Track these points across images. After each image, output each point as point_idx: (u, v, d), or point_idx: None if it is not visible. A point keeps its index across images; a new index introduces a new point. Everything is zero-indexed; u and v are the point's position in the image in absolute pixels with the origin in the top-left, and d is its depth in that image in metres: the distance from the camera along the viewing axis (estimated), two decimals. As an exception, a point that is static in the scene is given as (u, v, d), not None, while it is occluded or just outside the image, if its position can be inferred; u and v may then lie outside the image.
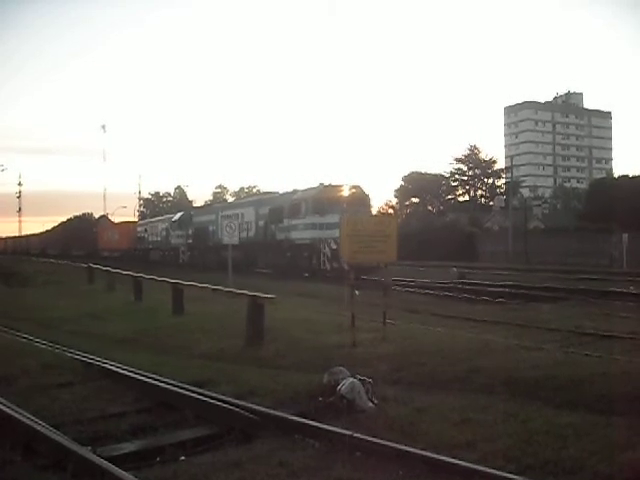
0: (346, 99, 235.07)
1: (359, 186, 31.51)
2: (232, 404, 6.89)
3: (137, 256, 55.51)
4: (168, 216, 55.86)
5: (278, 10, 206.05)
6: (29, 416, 6.51)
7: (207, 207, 61.10)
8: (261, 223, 35.57)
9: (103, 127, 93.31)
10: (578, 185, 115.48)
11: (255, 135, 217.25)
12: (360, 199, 30.59)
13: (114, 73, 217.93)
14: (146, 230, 57.96)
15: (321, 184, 32.27)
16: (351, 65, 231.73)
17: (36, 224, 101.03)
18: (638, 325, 13.72)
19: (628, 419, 6.58)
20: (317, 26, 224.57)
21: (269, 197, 38.04)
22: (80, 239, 68.29)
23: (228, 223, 26.36)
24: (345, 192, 30.51)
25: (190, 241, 45.63)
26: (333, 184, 31.57)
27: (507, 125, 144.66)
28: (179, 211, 56.62)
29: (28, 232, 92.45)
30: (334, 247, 26.54)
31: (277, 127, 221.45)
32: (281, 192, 37.23)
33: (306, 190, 32.72)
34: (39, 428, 6.13)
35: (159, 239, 53.21)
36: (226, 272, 23.68)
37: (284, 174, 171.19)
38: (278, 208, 33.59)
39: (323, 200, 29.79)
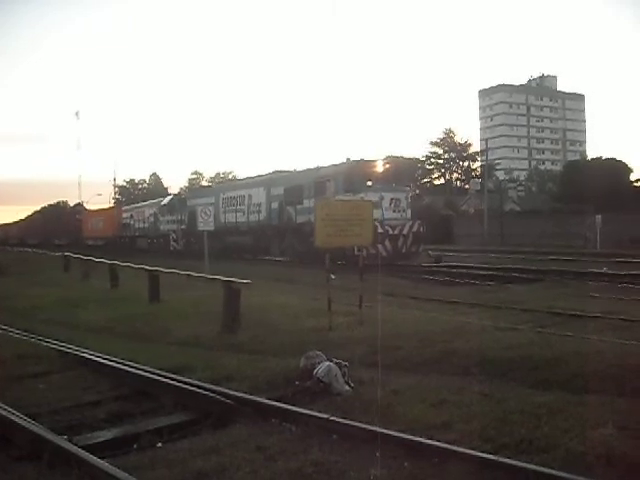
0: (318, 83, 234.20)
1: (395, 159, 28.83)
2: (209, 390, 6.89)
3: (123, 244, 53.15)
4: (156, 200, 52.79)
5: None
6: (4, 406, 6.46)
7: (204, 189, 57.47)
8: (274, 205, 32.17)
9: (77, 114, 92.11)
10: (552, 167, 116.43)
11: (229, 121, 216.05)
12: (396, 174, 27.88)
13: (88, 59, 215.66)
14: (132, 216, 54.74)
15: (348, 159, 29.13)
16: (323, 49, 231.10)
17: (8, 213, 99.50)
18: (611, 305, 13.92)
19: (600, 397, 6.68)
20: (289, 9, 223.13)
21: (283, 175, 34.14)
22: (61, 227, 66.15)
23: (203, 209, 25.80)
24: (379, 167, 27.58)
25: (184, 227, 41.98)
26: (365, 158, 28.18)
27: (482, 108, 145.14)
28: (168, 195, 54.71)
29: (1, 222, 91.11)
30: None
31: (251, 112, 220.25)
32: (298, 170, 33.99)
33: (333, 166, 29.45)
34: (14, 418, 6.09)
35: (146, 225, 50.29)
36: (229, 259, 23.21)
37: (259, 159, 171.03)
38: (296, 187, 30.01)
39: (355, 177, 26.57)
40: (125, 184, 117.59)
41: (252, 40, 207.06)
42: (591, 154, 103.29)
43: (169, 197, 50.27)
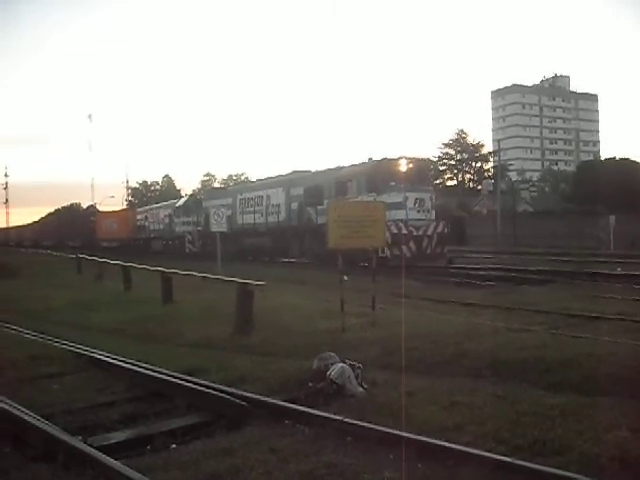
0: (331, 84, 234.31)
1: (419, 159, 28.35)
2: (222, 391, 6.90)
3: (137, 246, 52.83)
4: (171, 202, 52.41)
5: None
6: (18, 407, 6.50)
7: (221, 190, 56.20)
8: (294, 205, 31.44)
9: (89, 116, 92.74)
10: (566, 168, 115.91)
11: (242, 122, 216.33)
12: (419, 174, 27.14)
13: (99, 62, 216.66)
14: (146, 218, 54.44)
15: (370, 159, 28.40)
16: (335, 49, 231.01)
17: (20, 215, 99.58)
18: (625, 306, 13.82)
19: (614, 399, 6.64)
20: (304, 9, 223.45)
21: (302, 176, 33.25)
22: (76, 229, 65.80)
23: (215, 211, 25.73)
24: (403, 167, 26.69)
25: (200, 228, 40.93)
26: (388, 158, 27.26)
27: (494, 109, 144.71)
28: (181, 196, 54.15)
29: (14, 224, 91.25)
30: (395, 231, 23.91)
31: (262, 114, 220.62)
32: (317, 170, 33.17)
33: (355, 166, 28.72)
34: (29, 419, 6.12)
35: (161, 227, 49.83)
36: (245, 261, 22.94)
37: (272, 161, 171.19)
38: (316, 187, 29.28)
39: (378, 176, 25.91)
40: (137, 186, 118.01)
41: (264, 40, 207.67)
42: (604, 154, 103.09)
43: (184, 198, 49.74)
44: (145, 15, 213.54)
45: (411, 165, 27.06)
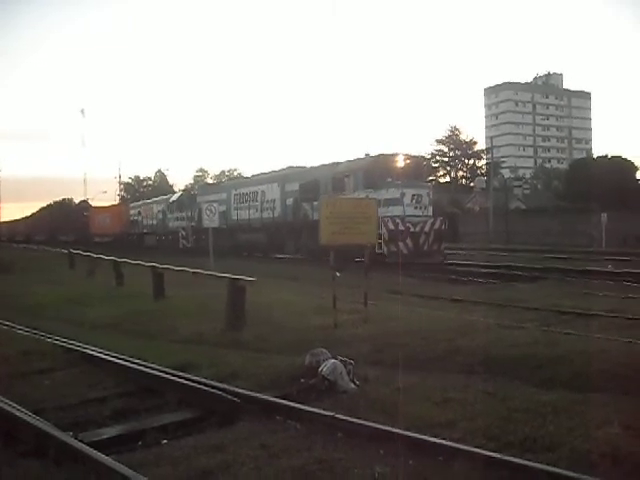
0: (322, 81, 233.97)
1: (415, 155, 28.48)
2: (213, 387, 6.89)
3: (131, 241, 52.68)
4: (165, 197, 52.28)
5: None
6: (9, 403, 6.48)
7: (215, 185, 56.21)
8: (289, 201, 31.36)
9: (82, 111, 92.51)
10: (558, 165, 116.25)
11: (236, 118, 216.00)
12: (416, 170, 27.37)
13: (92, 58, 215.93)
14: (140, 213, 54.12)
15: (367, 154, 28.61)
16: (330, 45, 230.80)
17: (12, 210, 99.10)
18: (616, 303, 13.87)
19: (605, 396, 6.66)
20: (294, 5, 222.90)
21: (298, 171, 33.22)
22: (68, 224, 65.19)
23: (208, 206, 25.57)
24: (400, 162, 26.71)
25: (193, 224, 40.77)
26: (386, 153, 27.25)
27: (487, 106, 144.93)
28: (174, 191, 53.90)
29: (5, 218, 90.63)
30: (392, 227, 24.12)
31: (255, 110, 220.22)
32: (313, 165, 32.97)
33: (352, 161, 28.61)
34: (19, 414, 6.10)
35: (154, 222, 49.70)
36: (239, 257, 22.84)
37: (264, 156, 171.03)
38: (312, 183, 29.02)
39: (375, 172, 25.86)
40: (130, 181, 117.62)
41: (258, 35, 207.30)
42: (597, 152, 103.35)
43: (178, 193, 49.50)
44: (138, 11, 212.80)
45: (408, 161, 27.05)
